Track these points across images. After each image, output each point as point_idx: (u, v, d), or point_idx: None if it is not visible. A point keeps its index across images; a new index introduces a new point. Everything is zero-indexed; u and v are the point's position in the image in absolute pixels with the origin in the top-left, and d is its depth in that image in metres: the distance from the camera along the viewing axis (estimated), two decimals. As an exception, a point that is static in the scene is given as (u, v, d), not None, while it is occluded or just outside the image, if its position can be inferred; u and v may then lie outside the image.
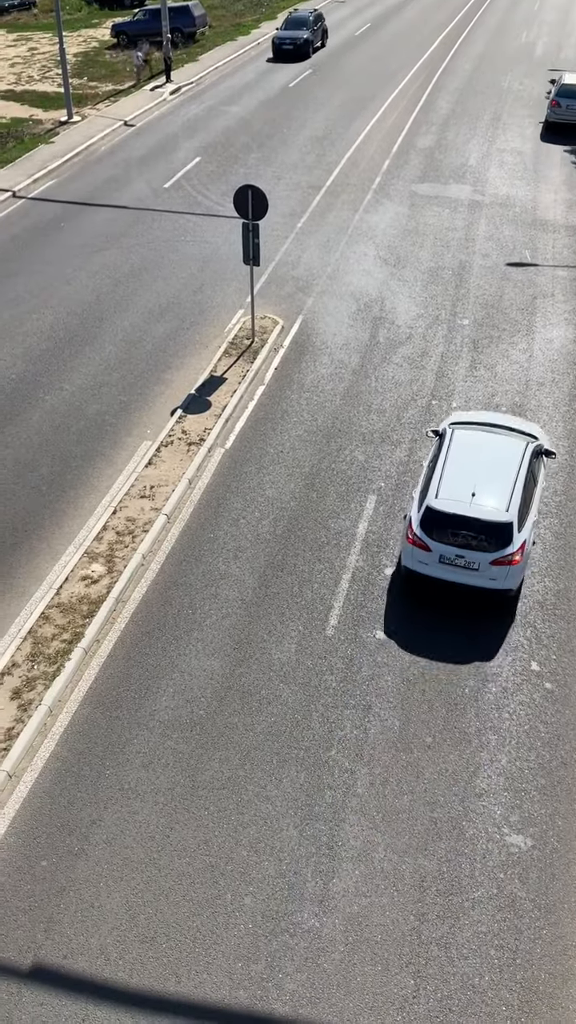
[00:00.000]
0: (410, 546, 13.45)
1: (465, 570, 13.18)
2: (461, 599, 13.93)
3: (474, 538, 13.00)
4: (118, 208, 28.49)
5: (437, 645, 13.31)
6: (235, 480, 16.72)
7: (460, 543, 13.10)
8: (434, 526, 13.19)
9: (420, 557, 13.40)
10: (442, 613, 13.84)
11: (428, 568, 13.41)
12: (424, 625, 13.64)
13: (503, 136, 34.57)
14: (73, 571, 14.52)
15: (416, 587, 14.01)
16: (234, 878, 10.43)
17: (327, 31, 47.97)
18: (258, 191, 19.29)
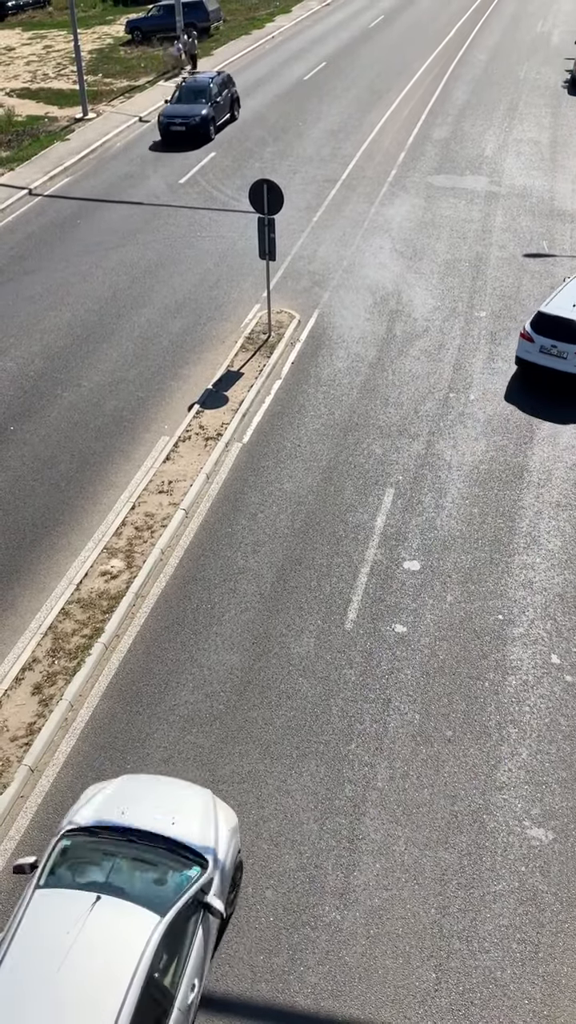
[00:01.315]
0: (521, 339, 18.39)
1: (557, 358, 17.80)
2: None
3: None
4: (134, 204, 28.53)
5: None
6: (252, 475, 16.73)
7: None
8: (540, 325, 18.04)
9: (526, 347, 18.26)
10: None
11: (531, 356, 18.27)
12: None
13: (519, 126, 34.34)
14: (93, 567, 14.59)
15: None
16: (255, 871, 10.46)
17: (237, 99, 35.85)
18: (273, 185, 19.25)
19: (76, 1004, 7.59)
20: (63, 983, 7.73)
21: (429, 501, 15.98)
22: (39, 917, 8.23)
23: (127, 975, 7.76)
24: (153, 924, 8.18)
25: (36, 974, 7.79)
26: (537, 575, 14.42)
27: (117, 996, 7.64)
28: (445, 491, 16.22)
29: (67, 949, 7.93)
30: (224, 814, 9.87)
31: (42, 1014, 7.54)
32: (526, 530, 15.32)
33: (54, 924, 8.14)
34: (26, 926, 8.16)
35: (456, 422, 18.04)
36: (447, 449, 17.28)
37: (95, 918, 8.17)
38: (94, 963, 7.83)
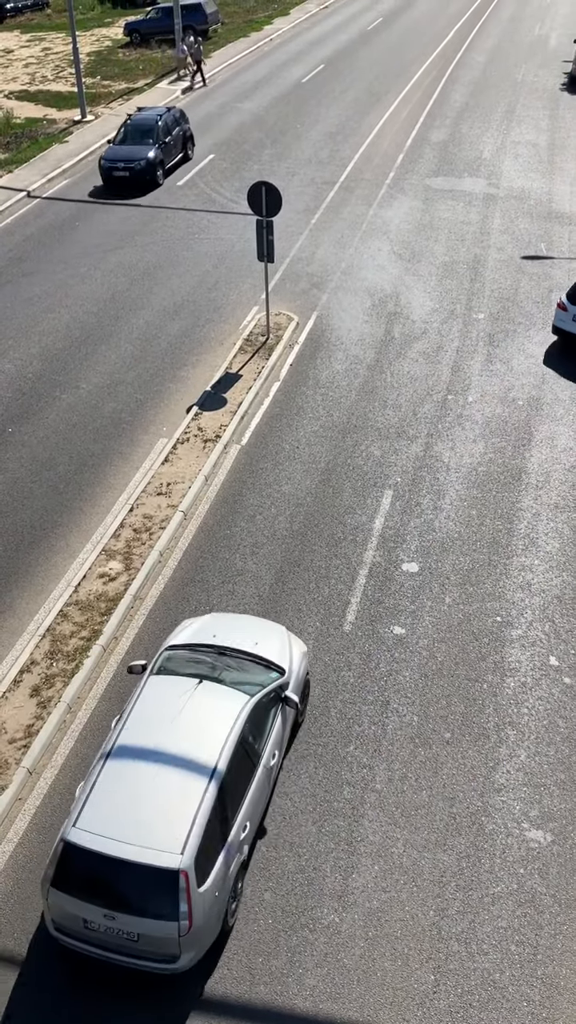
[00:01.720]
0: (557, 309, 19.86)
1: None
2: None
3: None
4: (132, 207, 28.54)
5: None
6: (251, 476, 16.74)
7: None
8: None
9: (561, 316, 19.74)
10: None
11: (565, 325, 19.73)
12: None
13: (517, 129, 34.39)
14: (91, 569, 14.58)
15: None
16: (253, 873, 10.45)
17: (190, 136, 31.85)
18: (272, 187, 19.27)
19: (187, 751, 9.63)
20: (176, 736, 9.79)
21: (427, 503, 15.99)
22: (154, 693, 10.37)
23: (225, 732, 9.86)
24: (244, 701, 10.28)
25: (155, 730, 9.89)
26: (535, 577, 14.43)
27: (217, 746, 9.71)
28: (443, 493, 16.23)
29: (178, 711, 10.07)
30: (296, 642, 11.80)
31: (160, 760, 9.56)
32: (524, 532, 15.33)
33: (167, 697, 10.28)
34: (144, 698, 10.29)
35: (454, 424, 18.06)
36: (445, 451, 17.30)
37: (199, 694, 10.29)
38: (200, 723, 9.93)
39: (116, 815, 9.14)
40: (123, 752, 9.69)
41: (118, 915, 8.84)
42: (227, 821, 9.52)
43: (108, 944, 9.06)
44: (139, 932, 8.86)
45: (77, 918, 9.04)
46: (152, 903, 8.78)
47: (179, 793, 9.26)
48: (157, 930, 8.81)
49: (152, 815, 9.11)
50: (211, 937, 9.27)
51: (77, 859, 8.97)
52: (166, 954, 8.97)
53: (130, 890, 8.81)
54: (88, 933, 9.08)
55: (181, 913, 8.77)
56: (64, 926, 9.20)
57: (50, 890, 9.08)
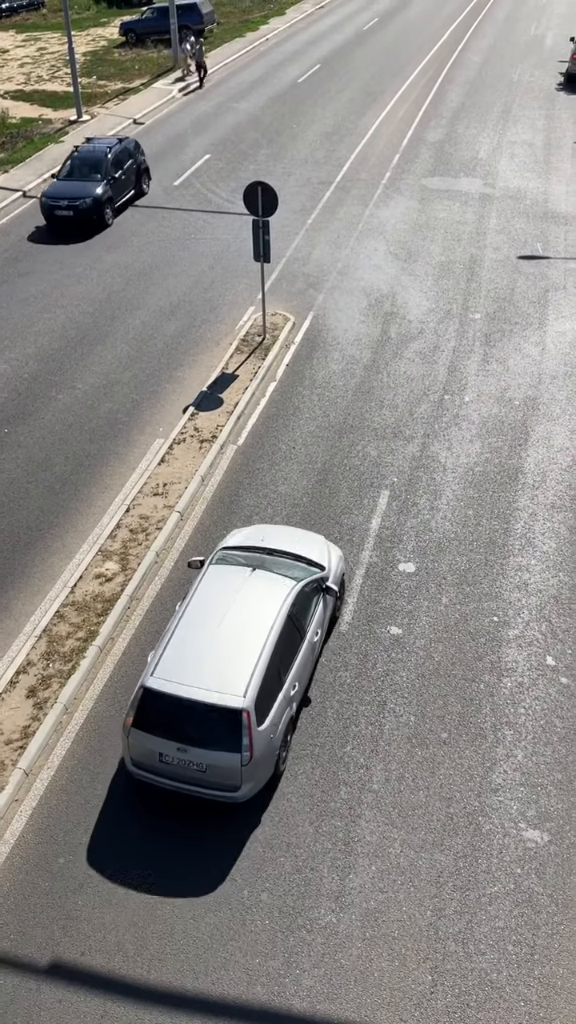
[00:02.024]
0: None
1: None
2: None
3: None
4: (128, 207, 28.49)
5: None
6: (248, 477, 16.72)
7: None
8: None
9: None
10: None
11: None
12: None
13: (513, 128, 34.41)
14: (87, 569, 14.56)
15: None
16: (250, 874, 10.44)
17: (145, 169, 28.81)
18: (268, 187, 19.26)
19: (246, 619, 11.18)
20: (236, 607, 11.36)
21: (424, 503, 15.99)
22: (215, 577, 11.90)
23: (277, 605, 11.39)
24: (292, 584, 11.80)
25: (217, 603, 11.42)
26: (532, 577, 14.44)
27: (271, 616, 11.25)
28: (440, 493, 16.23)
29: (236, 589, 11.61)
30: (333, 548, 13.48)
31: (223, 628, 11.09)
32: (521, 532, 15.34)
33: (226, 580, 11.82)
34: (206, 581, 11.82)
35: (451, 424, 18.06)
36: (442, 451, 17.30)
37: (253, 578, 11.84)
38: (255, 598, 11.50)
39: (187, 666, 10.72)
40: (191, 619, 11.29)
41: (190, 749, 10.42)
42: (280, 677, 11.01)
43: (180, 776, 10.63)
44: (207, 763, 10.42)
45: (153, 753, 10.61)
46: (219, 738, 10.35)
47: (240, 649, 10.85)
48: (222, 761, 10.37)
49: (218, 666, 10.69)
50: (266, 773, 10.77)
51: (155, 702, 10.52)
52: (229, 784, 10.52)
53: (200, 727, 10.36)
54: (163, 767, 10.65)
55: (243, 746, 10.33)
56: (142, 762, 10.78)
57: (131, 730, 10.64)
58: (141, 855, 10.66)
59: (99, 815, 11.10)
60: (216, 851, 10.67)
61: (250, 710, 10.35)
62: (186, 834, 10.86)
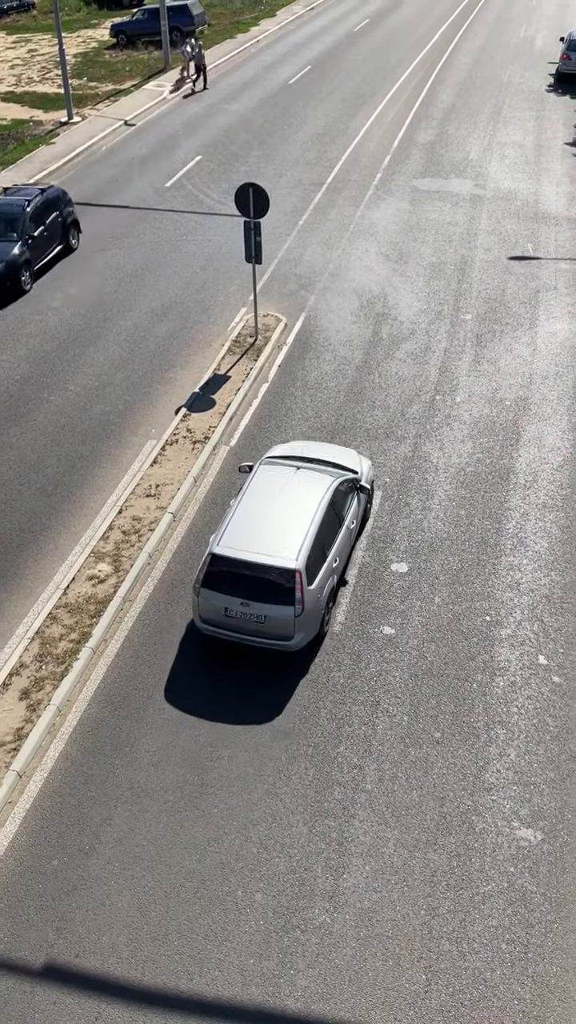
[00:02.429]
0: None
1: None
2: None
3: None
4: (120, 208, 28.50)
5: None
6: (240, 478, 16.73)
7: None
8: None
9: None
10: None
11: None
12: None
13: (504, 130, 34.50)
14: (80, 571, 14.55)
15: None
16: (244, 875, 10.45)
17: (74, 222, 25.30)
18: (259, 189, 19.28)
19: (295, 502, 13.17)
20: (286, 493, 13.35)
21: (416, 503, 16.02)
22: (265, 473, 13.84)
23: (320, 493, 13.36)
24: (331, 480, 13.69)
25: (269, 490, 13.45)
26: (524, 576, 14.48)
27: (316, 500, 13.22)
28: (432, 493, 16.27)
29: (286, 481, 13.60)
30: (364, 458, 15.40)
31: (275, 508, 13.07)
32: (513, 531, 15.38)
33: (275, 475, 13.79)
34: (258, 476, 13.78)
35: (442, 424, 18.10)
36: (434, 451, 17.34)
37: (298, 475, 13.77)
38: (302, 488, 13.45)
39: (248, 536, 12.68)
40: (248, 503, 13.24)
41: (251, 603, 12.32)
42: (324, 551, 12.93)
43: (242, 628, 12.50)
44: (266, 615, 12.32)
45: (220, 609, 12.48)
46: (276, 593, 12.25)
47: (292, 524, 12.81)
48: (279, 613, 12.27)
49: (274, 536, 12.65)
50: (314, 628, 12.69)
51: (222, 565, 12.45)
52: (284, 634, 12.39)
53: (260, 585, 12.31)
54: (227, 620, 12.52)
55: (297, 600, 12.22)
56: (210, 619, 12.64)
57: (200, 590, 12.55)
58: (135, 857, 10.66)
59: (96, 819, 11.09)
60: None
61: (302, 571, 12.31)
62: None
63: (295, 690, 12.62)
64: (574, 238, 25.89)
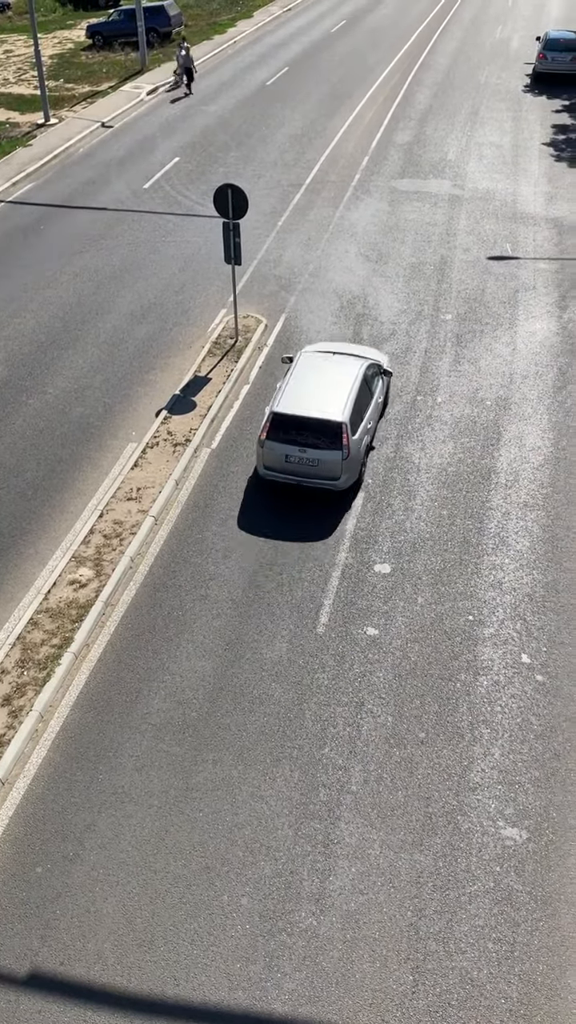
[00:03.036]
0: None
1: None
2: None
3: None
4: (98, 210, 28.38)
5: None
6: (222, 480, 16.68)
7: None
8: None
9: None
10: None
11: None
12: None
13: (481, 130, 34.64)
14: (61, 576, 14.45)
15: None
16: (230, 879, 10.41)
17: None
18: (238, 190, 19.24)
19: (336, 376, 16.31)
20: (327, 369, 16.53)
21: (399, 504, 16.03)
22: (307, 358, 17.03)
23: (355, 370, 16.46)
24: (362, 363, 16.77)
25: (313, 368, 16.60)
26: (506, 575, 14.52)
27: (352, 375, 16.34)
28: (414, 493, 16.29)
29: (325, 361, 16.82)
30: (383, 355, 18.53)
31: (321, 379, 16.22)
32: (495, 531, 15.43)
33: (316, 358, 17.00)
34: (301, 360, 16.97)
35: (424, 425, 18.13)
36: (415, 452, 17.36)
37: (334, 359, 16.91)
38: (339, 366, 16.61)
39: (300, 400, 15.77)
40: (297, 378, 16.34)
41: (308, 450, 15.37)
42: (361, 412, 15.99)
43: (299, 471, 15.56)
44: (319, 459, 15.36)
45: (281, 456, 15.54)
46: (327, 441, 15.33)
47: (335, 391, 15.90)
48: (330, 457, 15.32)
49: (322, 398, 15.75)
50: (355, 473, 15.75)
51: (281, 421, 15.54)
52: (333, 475, 15.46)
53: (314, 435, 15.38)
54: (288, 466, 15.59)
55: (343, 446, 15.30)
56: (272, 466, 15.71)
57: (265, 443, 15.59)
58: (120, 863, 10.57)
59: (80, 825, 11.02)
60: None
61: (347, 423, 15.36)
62: (165, 840, 10.79)
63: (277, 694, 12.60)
64: (552, 238, 26.02)
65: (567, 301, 22.66)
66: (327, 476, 15.43)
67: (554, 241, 25.84)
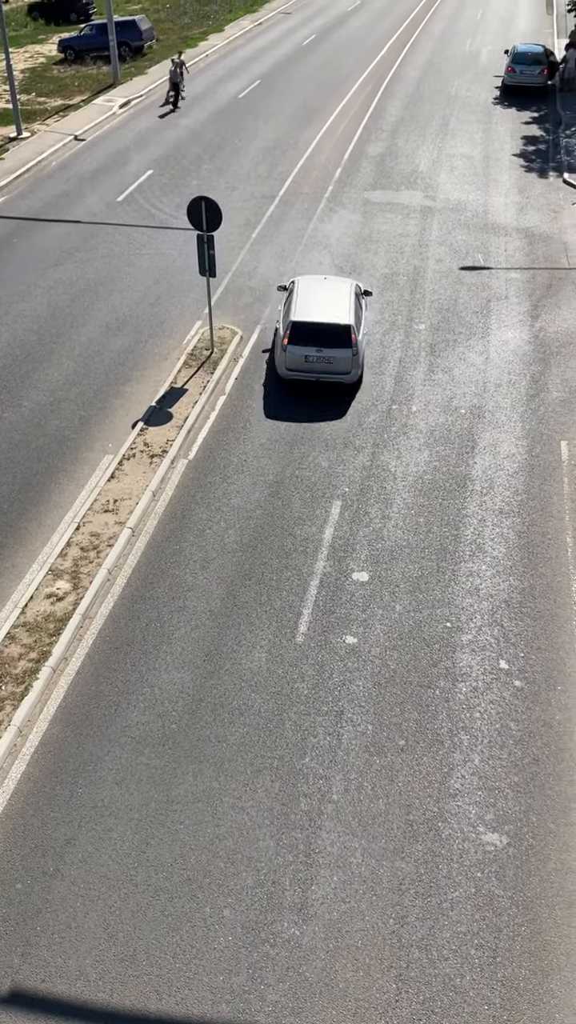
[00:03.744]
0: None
1: None
2: None
3: None
4: (71, 223, 28.36)
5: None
6: (199, 491, 16.69)
7: None
8: None
9: None
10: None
11: None
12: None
13: (452, 142, 34.99)
14: (38, 589, 14.38)
15: None
16: (212, 891, 10.37)
17: None
18: (212, 202, 19.31)
19: (334, 290, 19.74)
20: (326, 286, 19.92)
21: (376, 512, 16.10)
22: (305, 281, 20.22)
23: (348, 288, 19.85)
24: (352, 282, 20.31)
25: (314, 285, 19.97)
26: (483, 582, 14.61)
27: (347, 290, 19.81)
28: (391, 502, 16.36)
29: (321, 285, 19.96)
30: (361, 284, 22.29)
31: (324, 294, 19.55)
32: (471, 538, 15.52)
33: (312, 282, 20.16)
34: (301, 283, 20.12)
35: (399, 433, 18.23)
36: (392, 460, 17.45)
37: (328, 280, 20.27)
38: (335, 286, 19.94)
39: (311, 309, 19.04)
40: (302, 295, 19.51)
41: (323, 350, 18.62)
42: (358, 319, 19.34)
43: (316, 368, 18.82)
44: (332, 357, 18.67)
45: (301, 357, 18.72)
46: (339, 341, 18.64)
47: (338, 302, 19.29)
48: (341, 355, 18.65)
49: (330, 308, 19.09)
50: (359, 370, 19.12)
51: (300, 328, 18.73)
52: (345, 370, 18.81)
53: (328, 337, 18.65)
54: (307, 364, 18.76)
55: (351, 344, 18.67)
56: (294, 366, 18.85)
57: (288, 347, 18.72)
58: (101, 877, 10.50)
59: (60, 840, 10.93)
60: (177, 869, 10.62)
61: (352, 326, 18.70)
62: (146, 853, 10.74)
63: (256, 705, 12.58)
64: (523, 248, 26.30)
65: (539, 310, 22.91)
66: (340, 371, 18.77)
67: (525, 251, 26.12)
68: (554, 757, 11.87)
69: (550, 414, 18.82)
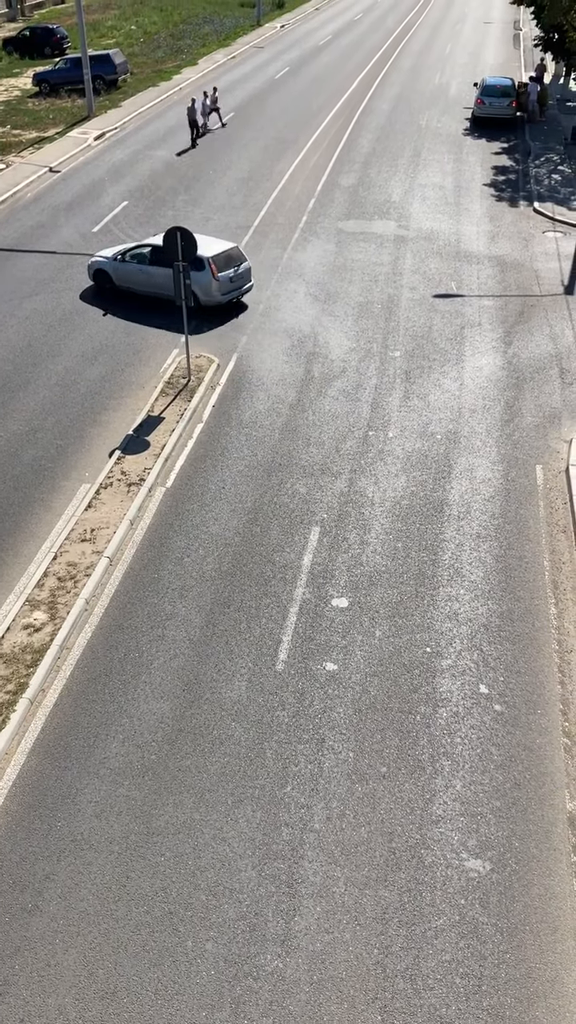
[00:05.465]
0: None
1: None
2: None
3: None
4: (47, 254, 28.45)
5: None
6: (177, 519, 16.65)
7: None
8: None
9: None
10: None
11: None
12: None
13: (424, 172, 35.52)
14: (15, 620, 14.25)
15: None
16: (194, 924, 10.23)
17: None
18: (187, 233, 19.45)
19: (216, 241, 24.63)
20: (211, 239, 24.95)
21: (354, 538, 16.13)
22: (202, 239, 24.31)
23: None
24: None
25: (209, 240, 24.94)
26: (462, 606, 14.65)
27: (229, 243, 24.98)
28: (369, 527, 16.41)
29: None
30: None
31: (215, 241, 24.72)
32: (449, 562, 15.58)
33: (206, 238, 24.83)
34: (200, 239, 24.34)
35: (376, 459, 18.32)
36: (369, 486, 17.52)
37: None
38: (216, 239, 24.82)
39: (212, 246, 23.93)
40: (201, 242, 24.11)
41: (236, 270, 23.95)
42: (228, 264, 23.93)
43: (236, 286, 23.99)
44: (243, 274, 24.17)
45: (228, 281, 23.43)
46: (245, 264, 24.30)
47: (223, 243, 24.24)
48: (248, 268, 24.39)
49: (223, 245, 24.07)
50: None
51: (217, 258, 23.61)
52: (250, 281, 24.42)
53: (236, 263, 24.13)
54: (231, 285, 23.84)
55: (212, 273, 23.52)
56: (224, 290, 23.53)
57: (218, 275, 23.17)
58: (81, 913, 10.34)
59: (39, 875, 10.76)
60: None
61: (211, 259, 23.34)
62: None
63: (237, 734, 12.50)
64: (495, 275, 26.66)
65: (511, 336, 23.19)
66: (248, 281, 24.24)
67: (497, 278, 26.47)
68: (535, 781, 11.86)
69: (525, 439, 19.00)
